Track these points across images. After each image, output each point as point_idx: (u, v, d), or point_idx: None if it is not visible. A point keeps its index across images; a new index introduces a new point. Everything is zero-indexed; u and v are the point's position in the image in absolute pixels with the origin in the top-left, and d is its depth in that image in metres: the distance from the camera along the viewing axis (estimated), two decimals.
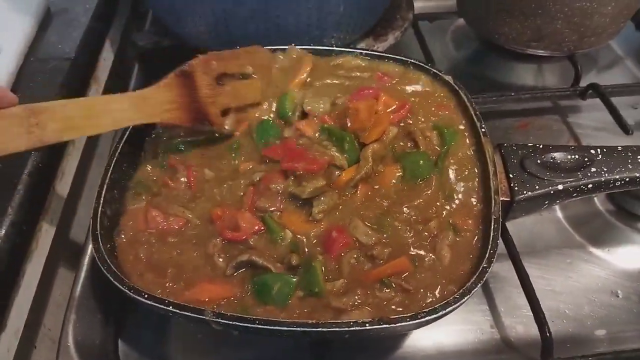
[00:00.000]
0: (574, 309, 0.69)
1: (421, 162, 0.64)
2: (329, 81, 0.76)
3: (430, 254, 0.58)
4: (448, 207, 0.62)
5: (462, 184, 0.64)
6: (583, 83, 0.94)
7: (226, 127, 0.69)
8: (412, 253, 0.58)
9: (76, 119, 0.56)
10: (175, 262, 0.59)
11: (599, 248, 0.75)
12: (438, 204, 0.62)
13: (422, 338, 0.67)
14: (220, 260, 0.58)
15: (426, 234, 0.60)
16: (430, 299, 0.54)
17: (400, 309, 0.54)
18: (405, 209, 0.62)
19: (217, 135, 0.70)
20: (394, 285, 0.56)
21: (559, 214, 0.79)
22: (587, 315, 0.69)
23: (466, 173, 0.65)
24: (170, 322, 0.67)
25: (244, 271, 0.58)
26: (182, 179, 0.66)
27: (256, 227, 0.60)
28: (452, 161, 0.66)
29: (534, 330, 0.64)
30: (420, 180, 0.64)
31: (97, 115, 0.58)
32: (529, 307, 0.64)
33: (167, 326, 0.67)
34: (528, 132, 0.92)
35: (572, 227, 0.78)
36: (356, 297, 0.54)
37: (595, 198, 0.80)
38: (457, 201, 0.62)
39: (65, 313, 0.64)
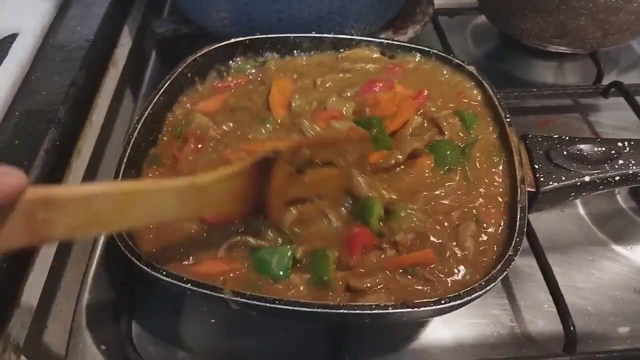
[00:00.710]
0: (596, 306, 0.67)
1: (449, 151, 0.63)
2: (336, 75, 0.75)
3: (454, 244, 0.57)
4: (471, 198, 0.61)
5: (486, 174, 0.63)
6: (605, 82, 0.92)
7: (284, 224, 0.56)
8: (435, 242, 0.57)
9: (100, 214, 0.41)
10: (182, 239, 0.57)
11: (621, 245, 0.74)
12: (460, 192, 0.61)
13: (441, 330, 0.65)
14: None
15: (447, 224, 0.59)
16: (453, 289, 0.53)
17: (421, 297, 0.52)
18: (424, 198, 0.61)
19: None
20: (417, 275, 0.54)
21: (582, 210, 0.78)
22: (609, 312, 0.67)
23: (489, 163, 0.63)
24: (184, 306, 0.66)
25: (242, 249, 0.56)
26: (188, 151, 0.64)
27: None
28: (476, 151, 0.65)
29: (555, 326, 0.62)
30: (447, 169, 0.62)
31: (128, 209, 0.43)
32: (550, 303, 0.63)
33: (181, 310, 0.66)
34: (549, 129, 0.90)
35: (595, 224, 0.76)
36: (377, 280, 0.53)
37: (617, 195, 0.79)
38: (481, 191, 0.61)
39: (78, 293, 0.63)
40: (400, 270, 0.54)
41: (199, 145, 0.66)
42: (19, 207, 0.35)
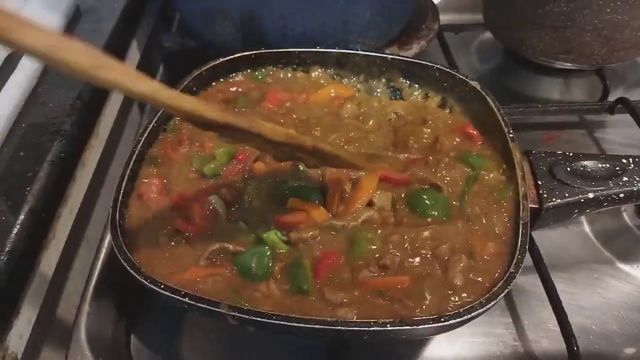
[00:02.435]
0: (600, 325, 0.66)
1: (429, 202, 0.61)
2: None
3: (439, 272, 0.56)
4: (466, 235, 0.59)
5: (487, 210, 0.61)
6: (611, 98, 0.92)
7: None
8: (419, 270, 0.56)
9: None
10: (166, 250, 0.58)
11: (627, 264, 0.73)
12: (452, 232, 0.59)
13: (444, 349, 0.64)
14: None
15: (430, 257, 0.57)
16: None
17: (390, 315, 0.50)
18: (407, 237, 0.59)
19: None
20: (391, 297, 0.53)
21: (587, 228, 0.77)
22: (614, 332, 0.66)
23: (492, 199, 0.62)
24: (183, 320, 0.66)
25: (222, 257, 0.57)
26: (183, 151, 0.67)
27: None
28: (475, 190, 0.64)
29: (559, 345, 0.61)
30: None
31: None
32: (554, 322, 0.62)
33: (180, 324, 0.66)
34: (554, 146, 0.90)
35: (600, 242, 0.75)
36: (352, 296, 0.52)
37: (624, 213, 0.78)
38: (476, 228, 0.59)
39: (78, 305, 0.63)
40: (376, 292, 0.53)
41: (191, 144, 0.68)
42: None
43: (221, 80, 0.79)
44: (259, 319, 0.48)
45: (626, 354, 0.64)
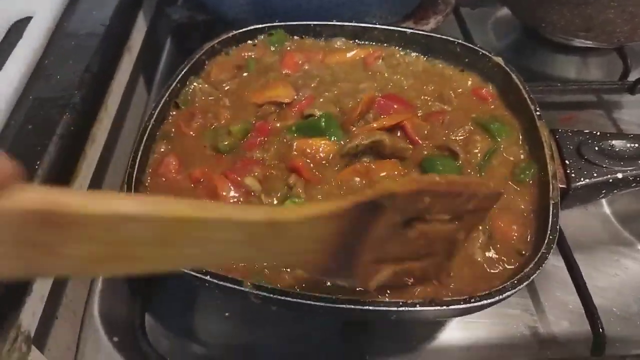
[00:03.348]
0: (622, 308, 0.65)
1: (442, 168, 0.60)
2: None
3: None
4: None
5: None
6: (631, 78, 0.90)
7: (371, 286, 0.43)
8: None
9: (134, 245, 0.27)
10: None
11: None
12: None
13: (461, 331, 0.63)
14: None
15: None
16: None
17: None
18: None
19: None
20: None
21: (607, 209, 0.76)
22: (636, 314, 0.65)
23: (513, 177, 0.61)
24: (197, 298, 0.65)
25: None
26: (195, 125, 0.65)
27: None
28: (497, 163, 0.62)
29: (581, 327, 0.61)
30: None
31: (176, 242, 0.29)
32: (575, 303, 0.61)
33: (194, 302, 0.64)
34: (572, 126, 0.86)
35: (621, 223, 0.74)
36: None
37: None
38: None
39: (90, 284, 0.62)
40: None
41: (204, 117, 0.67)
42: (9, 220, 0.23)
43: (233, 47, 0.76)
44: (282, 297, 0.47)
45: None
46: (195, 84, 0.69)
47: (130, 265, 0.29)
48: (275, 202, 0.58)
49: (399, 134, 0.64)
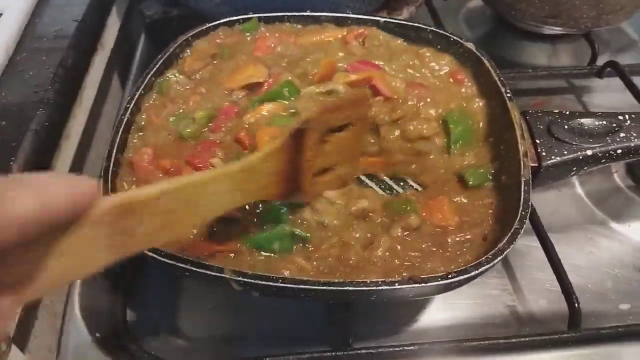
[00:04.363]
0: (596, 284, 0.67)
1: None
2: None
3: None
4: None
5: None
6: (598, 63, 0.92)
7: (318, 197, 0.56)
8: None
9: (171, 214, 0.38)
10: None
11: (620, 223, 0.73)
12: None
13: (442, 312, 0.64)
14: None
15: None
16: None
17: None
18: None
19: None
20: None
21: (579, 190, 0.78)
22: (610, 289, 0.67)
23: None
24: (180, 291, 0.65)
25: (219, 228, 0.55)
26: (164, 114, 0.64)
27: None
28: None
29: (558, 305, 0.62)
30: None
31: (194, 204, 0.41)
32: (551, 282, 0.63)
33: (177, 296, 0.64)
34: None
35: (593, 203, 0.76)
36: None
37: (615, 174, 0.79)
38: None
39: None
40: None
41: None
42: (96, 220, 0.30)
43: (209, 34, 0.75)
44: (264, 282, 0.47)
45: (621, 310, 0.65)
46: (169, 75, 0.69)
47: (173, 230, 0.39)
48: None
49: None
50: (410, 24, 0.75)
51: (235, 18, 0.76)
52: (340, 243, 0.53)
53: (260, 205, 0.56)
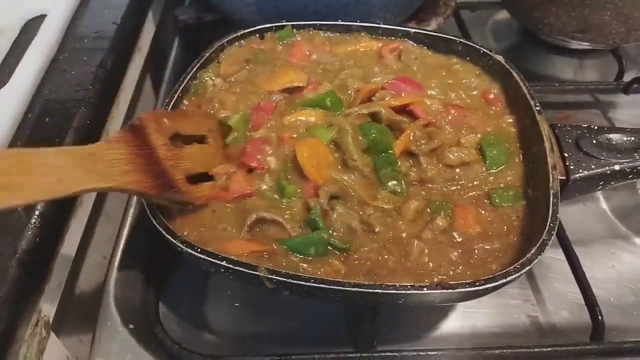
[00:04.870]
0: (619, 298, 0.68)
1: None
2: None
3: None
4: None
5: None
6: (625, 79, 0.92)
7: (195, 200, 0.58)
8: None
9: (12, 174, 0.41)
10: (208, 221, 0.57)
11: None
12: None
13: (463, 320, 0.65)
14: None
15: None
16: None
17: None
18: None
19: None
20: None
21: (604, 204, 0.78)
22: (632, 304, 0.67)
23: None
24: (209, 287, 0.67)
25: (261, 228, 0.56)
26: None
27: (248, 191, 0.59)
28: None
29: (580, 317, 0.63)
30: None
31: (35, 172, 0.43)
32: (574, 294, 0.64)
33: (207, 292, 0.66)
34: None
35: (617, 218, 0.76)
36: None
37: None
38: None
39: (105, 273, 0.63)
40: None
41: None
42: None
43: (242, 42, 0.78)
44: (296, 281, 0.49)
45: None
46: (206, 77, 0.71)
47: (22, 190, 0.41)
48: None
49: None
50: (440, 35, 0.76)
51: (269, 25, 0.78)
52: (379, 247, 0.54)
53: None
